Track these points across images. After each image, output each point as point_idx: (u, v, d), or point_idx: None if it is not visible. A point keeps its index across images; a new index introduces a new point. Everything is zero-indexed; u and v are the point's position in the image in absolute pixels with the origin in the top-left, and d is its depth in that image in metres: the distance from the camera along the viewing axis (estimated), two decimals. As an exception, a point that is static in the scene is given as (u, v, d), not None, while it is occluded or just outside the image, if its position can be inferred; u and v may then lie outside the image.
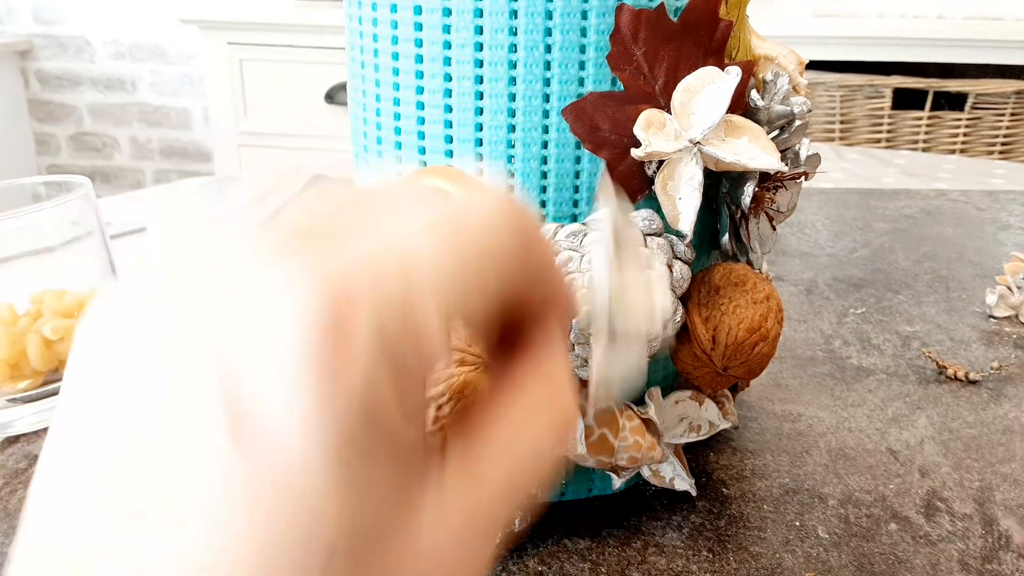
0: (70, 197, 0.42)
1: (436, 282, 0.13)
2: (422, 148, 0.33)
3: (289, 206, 0.15)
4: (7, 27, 2.39)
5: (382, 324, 0.13)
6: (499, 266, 0.15)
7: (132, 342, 0.13)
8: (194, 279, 0.13)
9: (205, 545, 0.12)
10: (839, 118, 1.58)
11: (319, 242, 0.13)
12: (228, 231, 0.14)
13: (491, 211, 0.15)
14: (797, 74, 0.36)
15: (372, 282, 0.13)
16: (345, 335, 0.12)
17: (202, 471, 0.12)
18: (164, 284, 0.14)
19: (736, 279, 0.33)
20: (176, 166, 2.48)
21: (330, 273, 0.12)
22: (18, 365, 0.40)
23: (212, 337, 0.13)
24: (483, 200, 0.15)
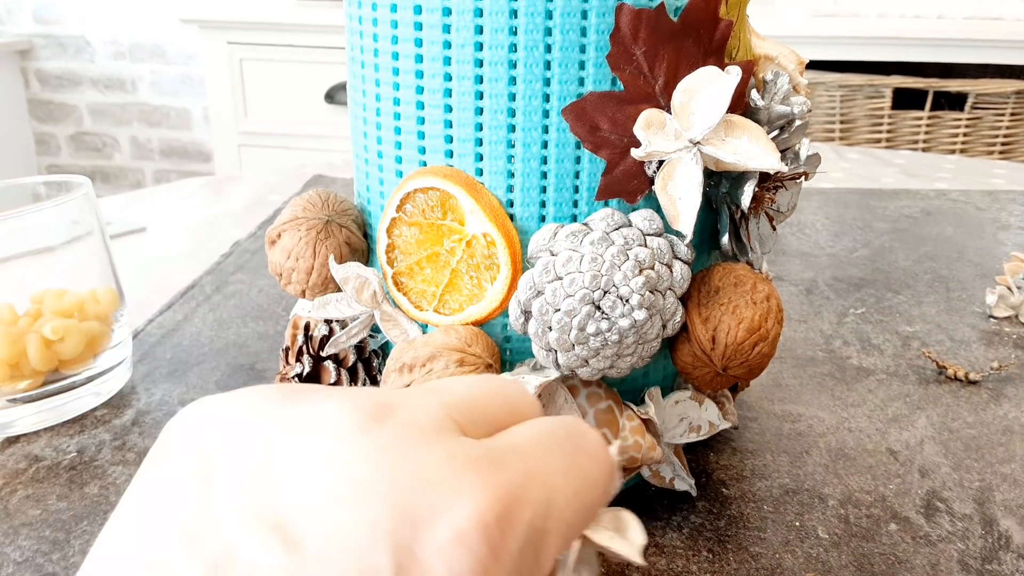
0: (70, 197, 0.42)
1: (564, 512, 0.15)
2: (422, 148, 0.33)
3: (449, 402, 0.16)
4: (7, 27, 2.39)
5: (527, 544, 0.14)
6: (599, 504, 0.17)
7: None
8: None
9: None
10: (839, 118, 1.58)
11: (487, 447, 0.15)
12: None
13: (600, 447, 0.17)
14: (797, 74, 0.36)
15: (529, 493, 0.15)
16: (504, 546, 0.14)
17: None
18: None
19: (736, 279, 0.33)
20: (176, 166, 2.48)
21: (502, 475, 0.14)
22: (18, 365, 0.40)
23: (394, 510, 0.14)
24: (592, 435, 0.17)
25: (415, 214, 0.33)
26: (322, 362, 0.36)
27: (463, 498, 0.14)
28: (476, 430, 0.16)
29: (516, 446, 0.16)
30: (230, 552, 0.13)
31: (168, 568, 0.13)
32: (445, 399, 0.16)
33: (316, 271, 0.35)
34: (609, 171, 0.31)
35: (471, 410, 0.16)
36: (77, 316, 0.42)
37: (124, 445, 0.40)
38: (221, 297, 0.57)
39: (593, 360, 0.32)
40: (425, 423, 0.15)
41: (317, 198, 0.36)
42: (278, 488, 0.14)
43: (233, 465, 0.14)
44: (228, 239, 0.71)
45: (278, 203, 0.82)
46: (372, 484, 0.14)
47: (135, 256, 0.67)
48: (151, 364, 0.48)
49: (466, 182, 0.32)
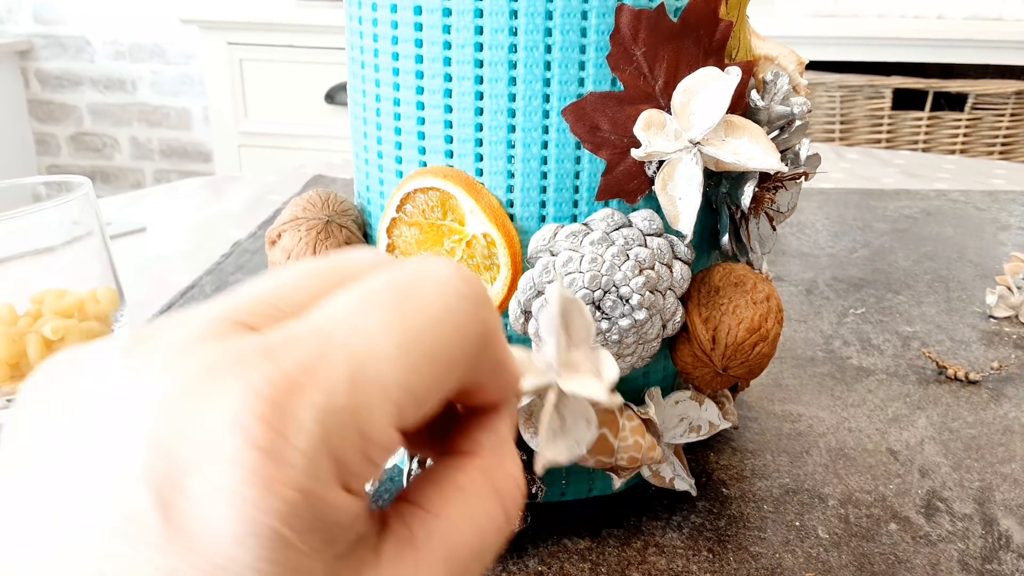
0: (70, 197, 0.42)
1: (381, 368, 0.13)
2: (422, 148, 0.33)
3: (238, 290, 0.15)
4: (7, 27, 2.39)
5: (326, 430, 0.12)
6: (452, 343, 0.15)
7: (61, 439, 0.13)
8: (130, 376, 0.13)
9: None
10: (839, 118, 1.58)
11: (265, 323, 0.14)
12: (174, 330, 0.14)
13: (443, 283, 0.15)
14: (797, 74, 0.36)
15: (317, 377, 0.13)
16: (283, 443, 0.12)
17: (124, 555, 0.12)
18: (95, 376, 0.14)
19: (736, 279, 0.33)
20: (176, 166, 2.48)
21: (271, 379, 0.12)
22: (18, 365, 0.40)
23: (142, 420, 0.12)
24: (434, 272, 0.15)
25: (415, 214, 0.33)
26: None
27: (221, 409, 0.12)
28: (277, 321, 0.14)
29: (312, 324, 0.14)
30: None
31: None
32: (229, 302, 0.14)
33: (316, 271, 0.35)
34: (609, 171, 0.31)
35: (266, 302, 0.15)
36: (77, 316, 0.42)
37: (124, 445, 0.40)
38: (221, 297, 0.57)
39: (593, 360, 0.32)
40: (186, 338, 0.13)
41: (317, 198, 0.36)
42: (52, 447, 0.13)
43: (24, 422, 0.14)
44: (228, 239, 0.71)
45: (278, 203, 0.82)
46: (126, 421, 0.12)
47: (135, 256, 0.67)
48: (151, 364, 0.47)
49: (466, 182, 0.32)
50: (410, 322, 0.14)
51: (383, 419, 0.13)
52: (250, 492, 0.12)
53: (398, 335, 0.14)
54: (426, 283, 0.15)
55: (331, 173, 0.94)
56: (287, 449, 0.12)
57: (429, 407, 0.14)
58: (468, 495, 0.16)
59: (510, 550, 0.34)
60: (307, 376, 0.13)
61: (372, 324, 0.14)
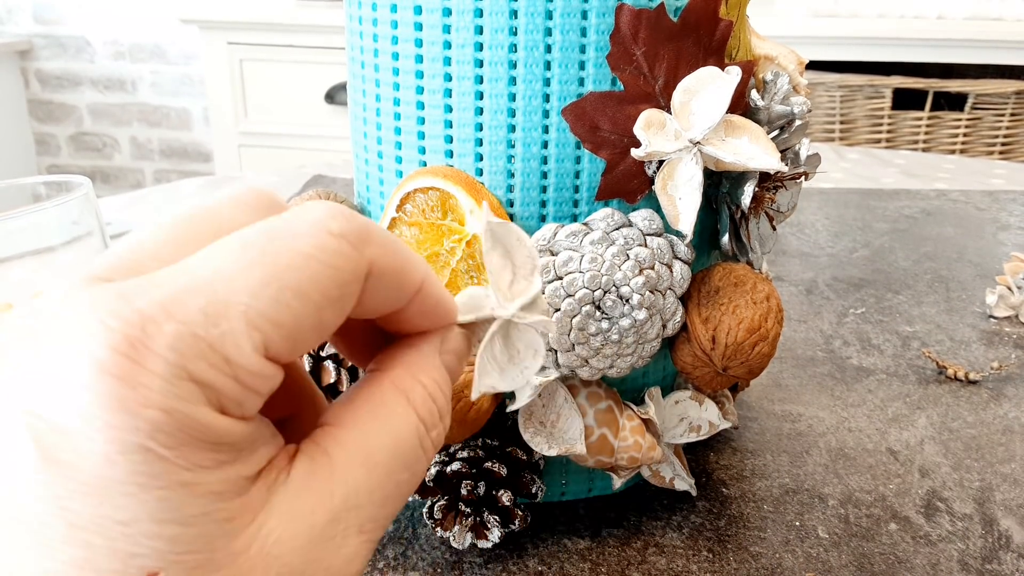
0: (70, 197, 0.42)
1: (241, 299, 0.14)
2: (422, 148, 0.33)
3: (114, 246, 0.16)
4: (7, 27, 2.39)
5: (181, 354, 0.13)
6: (323, 277, 0.15)
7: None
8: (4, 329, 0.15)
9: (36, 565, 0.13)
10: (839, 118, 1.58)
11: (124, 276, 0.15)
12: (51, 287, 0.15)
13: (313, 223, 0.16)
14: (797, 74, 0.36)
15: (171, 310, 0.14)
16: (137, 368, 0.13)
17: (22, 500, 0.13)
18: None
19: (736, 279, 0.33)
20: (176, 166, 2.48)
21: (121, 315, 0.13)
22: (18, 365, 0.40)
23: (16, 378, 0.14)
24: (307, 215, 0.16)
25: (415, 214, 0.33)
26: (322, 362, 0.36)
27: (76, 347, 0.13)
28: (136, 273, 0.15)
29: (172, 270, 0.15)
30: None
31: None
32: (91, 264, 0.15)
33: (316, 271, 0.35)
34: (609, 171, 0.31)
35: (125, 258, 0.15)
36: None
37: (124, 445, 0.40)
38: (221, 297, 0.57)
39: (593, 360, 0.32)
40: (49, 300, 0.14)
41: (317, 198, 0.36)
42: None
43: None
44: (228, 239, 0.71)
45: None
46: (2, 381, 0.14)
47: (135, 256, 0.67)
48: (151, 364, 0.48)
49: (466, 182, 0.32)
50: (272, 259, 0.15)
51: (247, 346, 0.14)
52: (110, 415, 0.13)
53: (260, 272, 0.15)
54: (297, 225, 0.16)
55: (331, 173, 0.94)
56: (142, 374, 0.13)
57: (307, 337, 0.15)
58: (375, 403, 0.18)
59: (510, 550, 0.34)
60: (161, 310, 0.14)
61: (234, 265, 0.15)
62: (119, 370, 0.13)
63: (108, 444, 0.13)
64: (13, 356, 0.14)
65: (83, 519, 0.13)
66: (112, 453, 0.13)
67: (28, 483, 0.13)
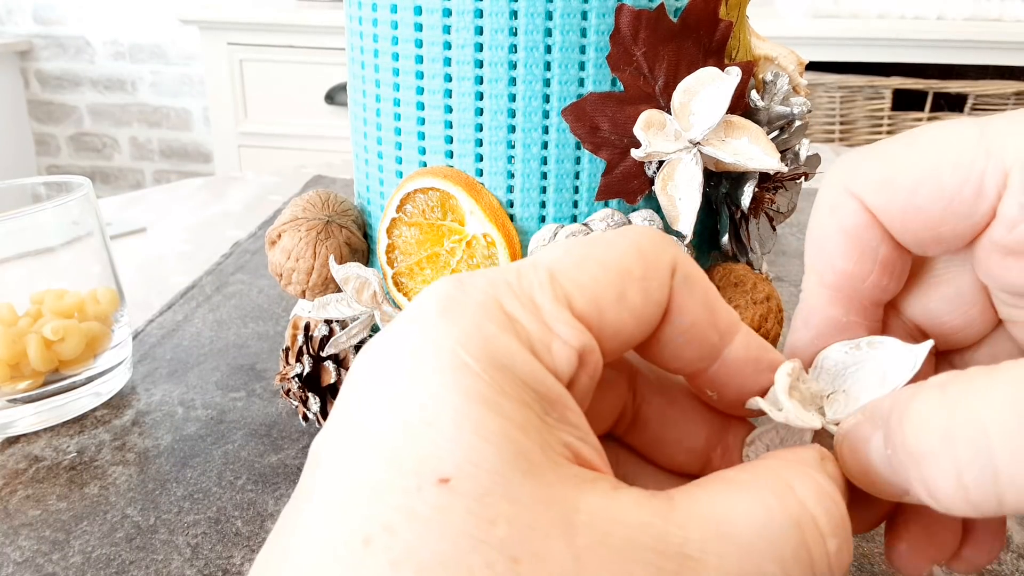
0: (70, 197, 0.42)
1: (548, 261, 0.16)
2: (422, 148, 0.33)
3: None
4: (7, 27, 2.39)
5: (493, 286, 0.16)
6: (624, 254, 0.17)
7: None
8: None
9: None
10: (839, 119, 1.58)
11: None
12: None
13: (622, 239, 0.17)
14: (797, 75, 0.36)
15: (484, 272, 0.16)
16: (459, 293, 0.15)
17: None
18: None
19: (736, 279, 0.33)
20: (176, 166, 2.48)
21: (451, 277, 0.16)
22: (18, 365, 0.40)
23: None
24: (623, 232, 0.17)
25: (415, 214, 0.33)
26: (322, 362, 0.36)
27: (426, 297, 0.16)
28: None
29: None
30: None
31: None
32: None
33: (316, 271, 0.35)
34: (609, 171, 0.31)
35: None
36: (77, 316, 0.42)
37: (124, 445, 0.40)
38: (221, 297, 0.57)
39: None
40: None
41: (317, 198, 0.36)
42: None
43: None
44: (228, 239, 0.71)
45: (278, 203, 0.82)
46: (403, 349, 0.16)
47: (135, 256, 0.67)
48: (151, 364, 0.48)
49: (466, 182, 0.32)
50: (584, 242, 0.17)
51: (548, 292, 0.16)
52: (435, 323, 0.15)
53: (571, 248, 0.17)
54: (612, 232, 0.18)
55: (331, 173, 0.94)
56: (461, 296, 0.15)
57: (612, 309, 0.16)
58: (742, 482, 0.16)
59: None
60: (481, 273, 0.16)
61: (554, 248, 0.17)
62: (446, 294, 0.15)
63: (429, 343, 0.15)
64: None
65: (404, 403, 0.14)
66: (429, 354, 0.14)
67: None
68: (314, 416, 0.37)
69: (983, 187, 0.16)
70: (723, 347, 0.18)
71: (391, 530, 0.13)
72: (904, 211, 0.18)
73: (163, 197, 0.84)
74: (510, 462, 0.13)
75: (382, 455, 0.13)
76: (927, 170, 0.17)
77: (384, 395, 0.14)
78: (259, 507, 0.35)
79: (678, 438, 0.20)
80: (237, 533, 0.33)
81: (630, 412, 0.20)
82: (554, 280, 0.16)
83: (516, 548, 0.13)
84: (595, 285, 0.16)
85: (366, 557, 0.12)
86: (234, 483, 0.37)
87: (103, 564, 0.32)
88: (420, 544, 0.12)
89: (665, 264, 0.17)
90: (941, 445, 0.14)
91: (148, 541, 0.33)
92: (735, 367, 0.18)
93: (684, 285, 0.17)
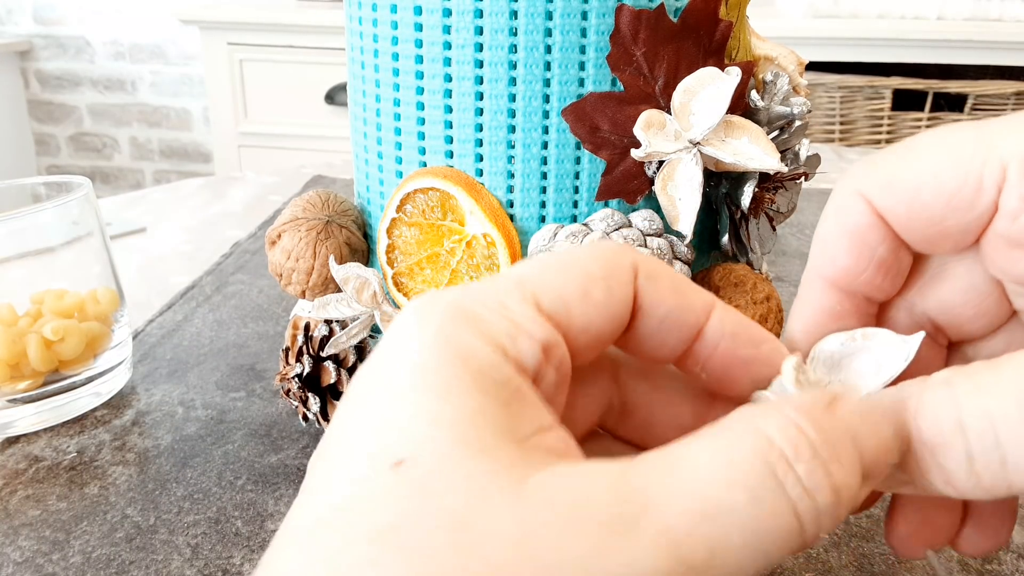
0: (70, 197, 0.42)
1: (518, 275, 0.17)
2: (422, 148, 0.33)
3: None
4: (7, 27, 2.39)
5: (460, 295, 0.17)
6: (586, 258, 0.18)
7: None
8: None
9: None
10: (839, 119, 1.58)
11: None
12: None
13: (582, 248, 0.18)
14: (797, 75, 0.36)
15: (459, 287, 0.17)
16: (431, 303, 0.16)
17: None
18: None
19: (736, 279, 0.33)
20: (176, 166, 2.48)
21: (426, 297, 0.17)
22: (18, 365, 0.40)
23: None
24: (584, 244, 0.19)
25: (415, 214, 0.33)
26: (322, 362, 0.36)
27: (405, 313, 0.17)
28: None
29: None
30: None
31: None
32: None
33: (316, 271, 0.35)
34: (609, 171, 0.31)
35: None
36: (77, 316, 0.42)
37: (124, 445, 0.40)
38: (221, 297, 0.57)
39: (593, 360, 0.32)
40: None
41: (317, 198, 0.36)
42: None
43: None
44: (228, 239, 0.71)
45: (278, 203, 0.82)
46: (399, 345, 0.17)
47: (135, 256, 0.67)
48: (151, 364, 0.48)
49: (466, 182, 0.32)
50: (546, 255, 0.19)
51: (517, 295, 0.17)
52: (407, 330, 0.16)
53: (535, 260, 0.18)
54: (569, 251, 0.19)
55: (331, 173, 0.94)
56: (431, 304, 0.16)
57: (578, 307, 0.17)
58: (706, 432, 0.16)
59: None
60: (456, 286, 0.17)
61: (516, 265, 0.19)
62: (421, 303, 0.17)
63: (398, 348, 0.16)
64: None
65: (397, 385, 0.15)
66: (397, 358, 0.16)
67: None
68: (314, 416, 0.37)
69: (982, 182, 0.17)
70: (701, 325, 0.19)
71: (345, 510, 0.14)
72: (909, 210, 0.19)
73: (163, 197, 0.84)
74: (461, 446, 0.14)
75: (351, 451, 0.15)
76: (928, 171, 0.18)
77: (360, 397, 0.16)
78: (259, 507, 0.35)
79: (666, 421, 0.21)
80: (237, 533, 0.33)
81: (617, 403, 0.21)
82: (521, 285, 0.17)
83: (460, 516, 0.13)
84: (560, 286, 0.17)
85: (322, 536, 0.14)
86: (234, 483, 0.37)
87: (103, 564, 0.32)
88: (371, 518, 0.13)
89: (626, 265, 0.18)
90: (953, 436, 0.16)
91: (148, 541, 0.33)
92: (717, 343, 0.19)
93: (648, 281, 0.18)
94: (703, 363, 0.19)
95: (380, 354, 0.17)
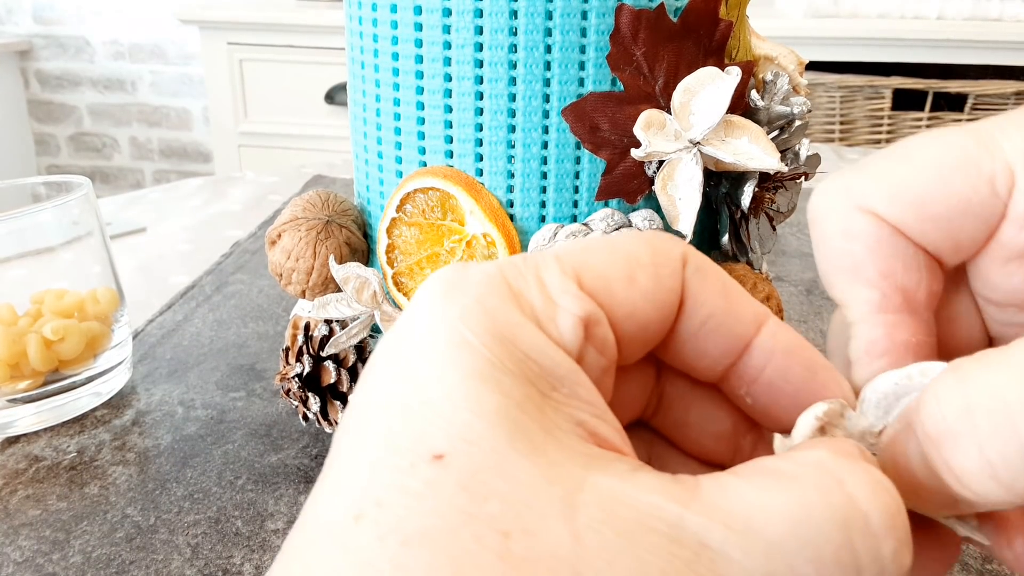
0: (70, 197, 0.42)
1: (557, 250, 0.16)
2: (422, 148, 0.33)
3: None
4: (7, 27, 2.39)
5: (498, 267, 0.15)
6: (628, 242, 0.16)
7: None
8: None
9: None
10: (839, 119, 1.58)
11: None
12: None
13: (629, 234, 0.17)
14: (797, 74, 0.36)
15: (491, 261, 0.16)
16: (462, 275, 0.15)
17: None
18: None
19: (736, 279, 0.33)
20: (176, 166, 2.48)
21: (455, 264, 0.16)
22: (18, 365, 0.40)
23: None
24: (628, 231, 0.18)
25: (415, 214, 0.33)
26: (322, 362, 0.36)
27: (431, 282, 0.16)
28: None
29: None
30: None
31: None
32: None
33: (316, 271, 0.35)
34: (609, 171, 0.31)
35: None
36: (77, 316, 0.42)
37: (124, 445, 0.40)
38: (221, 297, 0.57)
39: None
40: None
41: (317, 198, 0.36)
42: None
43: None
44: (228, 239, 0.71)
45: (278, 203, 0.82)
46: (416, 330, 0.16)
47: (135, 256, 0.67)
48: (151, 364, 0.48)
49: (466, 182, 0.32)
50: (587, 238, 0.18)
51: (556, 269, 0.15)
52: (438, 302, 0.15)
53: (575, 242, 0.17)
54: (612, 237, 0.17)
55: (331, 173, 0.94)
56: (464, 275, 0.15)
57: (621, 289, 0.16)
58: (782, 474, 0.14)
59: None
60: (486, 261, 0.17)
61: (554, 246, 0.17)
62: (448, 278, 0.15)
63: (429, 322, 0.15)
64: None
65: (408, 375, 0.14)
66: (429, 334, 0.14)
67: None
68: (314, 416, 0.37)
69: (995, 186, 0.16)
70: (749, 338, 0.17)
71: (381, 506, 0.13)
72: (921, 221, 0.17)
73: (163, 197, 0.84)
74: (507, 440, 0.13)
75: (380, 436, 0.13)
76: (933, 179, 0.17)
77: (386, 377, 0.14)
78: (259, 507, 0.35)
79: (701, 422, 0.19)
80: (237, 533, 0.33)
81: (655, 394, 0.19)
82: (561, 260, 0.16)
83: (508, 524, 0.12)
84: (603, 266, 0.16)
85: (356, 533, 0.12)
86: (234, 483, 0.37)
87: (103, 564, 0.32)
88: (408, 518, 0.12)
89: (675, 254, 0.16)
90: (959, 422, 0.14)
91: (148, 541, 0.33)
92: (766, 363, 0.17)
93: (697, 275, 0.16)
94: (748, 386, 0.17)
95: (406, 323, 0.15)
